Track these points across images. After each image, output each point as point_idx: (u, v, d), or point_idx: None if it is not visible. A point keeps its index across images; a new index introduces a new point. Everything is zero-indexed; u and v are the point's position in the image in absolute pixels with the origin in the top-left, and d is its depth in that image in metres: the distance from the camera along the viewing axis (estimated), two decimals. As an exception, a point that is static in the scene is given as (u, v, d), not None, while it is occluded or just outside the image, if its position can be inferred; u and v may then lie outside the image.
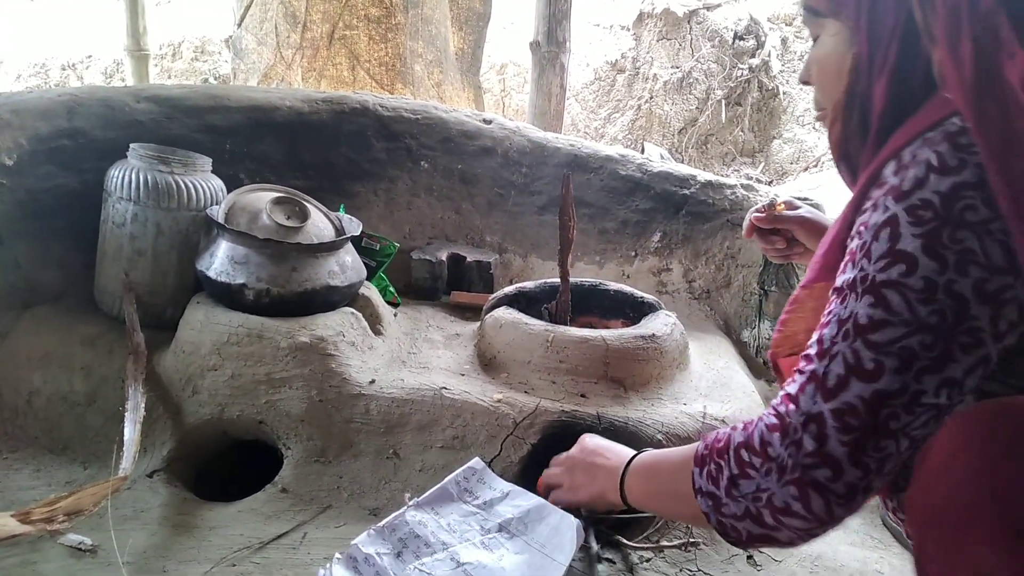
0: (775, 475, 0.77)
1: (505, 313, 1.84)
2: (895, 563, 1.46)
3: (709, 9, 6.84)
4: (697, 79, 6.70)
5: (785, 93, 6.80)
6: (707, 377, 1.85)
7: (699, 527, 1.02)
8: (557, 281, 1.89)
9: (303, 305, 1.69)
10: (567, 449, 1.28)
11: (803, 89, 6.47)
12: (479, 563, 1.17)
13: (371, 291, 1.93)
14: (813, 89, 0.95)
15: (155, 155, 1.78)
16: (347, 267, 1.80)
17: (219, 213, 1.72)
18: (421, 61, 3.83)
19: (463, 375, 1.74)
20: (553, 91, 4.18)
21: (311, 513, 1.48)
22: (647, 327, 1.79)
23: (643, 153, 4.47)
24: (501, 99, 6.75)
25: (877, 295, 0.73)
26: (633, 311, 1.97)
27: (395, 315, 2.03)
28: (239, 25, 3.91)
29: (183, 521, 1.43)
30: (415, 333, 2.00)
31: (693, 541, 1.39)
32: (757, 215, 1.33)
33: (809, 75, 0.94)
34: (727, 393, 1.76)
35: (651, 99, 6.73)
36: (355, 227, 1.90)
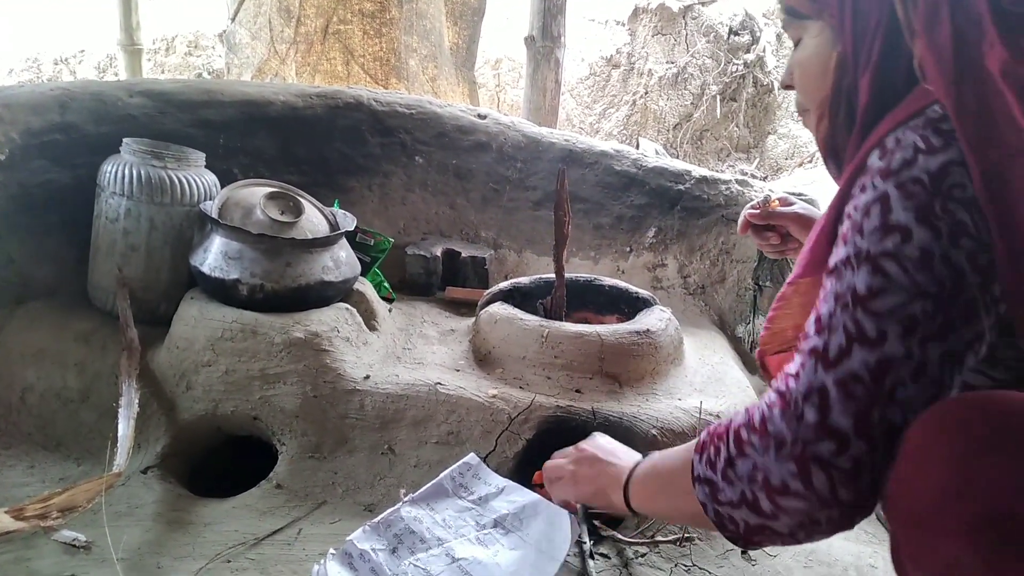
0: (773, 451, 0.73)
1: (500, 309, 1.84)
2: (889, 557, 1.47)
3: (704, 4, 6.84)
4: (692, 74, 6.70)
5: (780, 89, 6.81)
6: (702, 372, 1.85)
7: (700, 527, 0.99)
8: (552, 277, 1.89)
9: (297, 301, 1.69)
10: (563, 445, 1.27)
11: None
12: (474, 559, 1.17)
13: (365, 286, 1.92)
14: (795, 92, 0.95)
15: (148, 150, 1.78)
16: (341, 262, 1.79)
17: (213, 208, 1.72)
18: (416, 56, 3.82)
19: (458, 371, 1.74)
20: (548, 86, 4.18)
21: (306, 509, 1.48)
22: (642, 322, 1.79)
23: (638, 148, 4.47)
24: (496, 94, 6.74)
25: (874, 265, 0.72)
26: (628, 306, 1.97)
27: (390, 311, 2.02)
28: (233, 20, 3.90)
29: (177, 517, 1.43)
30: (410, 329, 2.00)
31: (688, 536, 1.40)
32: (752, 211, 1.33)
33: (791, 78, 0.95)
34: (722, 388, 1.77)
35: (646, 94, 6.73)
36: (349, 222, 1.90)
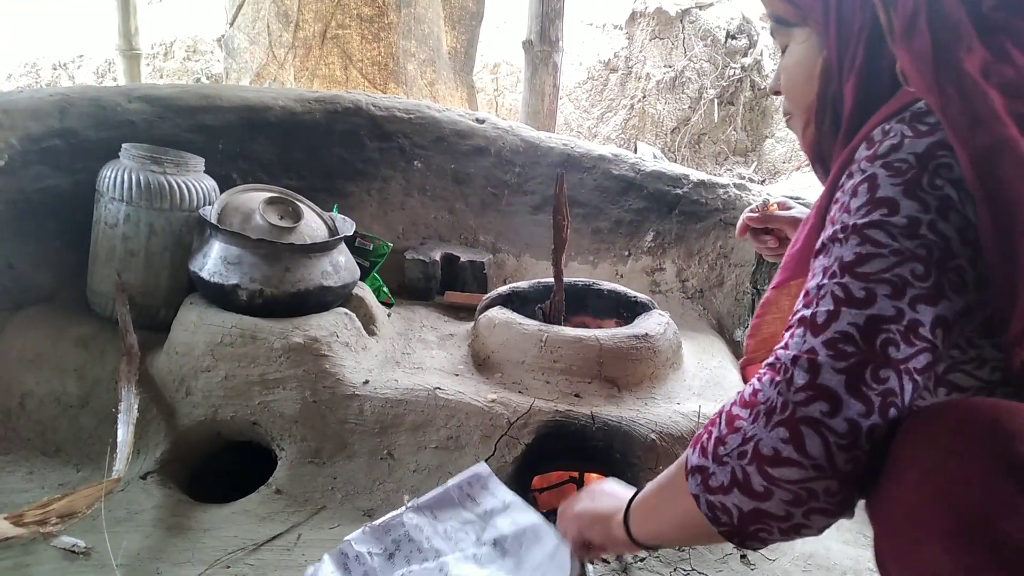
0: (763, 419, 0.70)
1: (499, 313, 1.84)
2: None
3: (701, 8, 6.85)
4: (690, 78, 6.71)
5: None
6: (700, 376, 1.86)
7: (701, 539, 0.93)
8: (551, 281, 1.90)
9: (297, 306, 1.69)
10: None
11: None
12: None
13: (365, 291, 1.93)
14: (782, 97, 0.96)
15: (147, 155, 1.78)
16: (340, 267, 1.79)
17: (212, 213, 1.72)
18: (414, 60, 3.83)
19: (457, 375, 1.74)
20: (546, 90, 4.18)
21: (305, 514, 1.48)
22: (641, 326, 1.80)
23: (636, 152, 4.47)
24: (494, 98, 6.74)
25: (861, 235, 0.71)
26: (627, 311, 1.97)
27: (389, 315, 2.03)
28: (231, 24, 3.91)
29: (177, 523, 1.43)
30: (409, 333, 2.00)
31: (687, 540, 1.40)
32: (750, 215, 1.34)
33: (779, 84, 0.96)
34: (720, 392, 1.77)
35: (644, 98, 6.73)
36: (348, 227, 1.90)
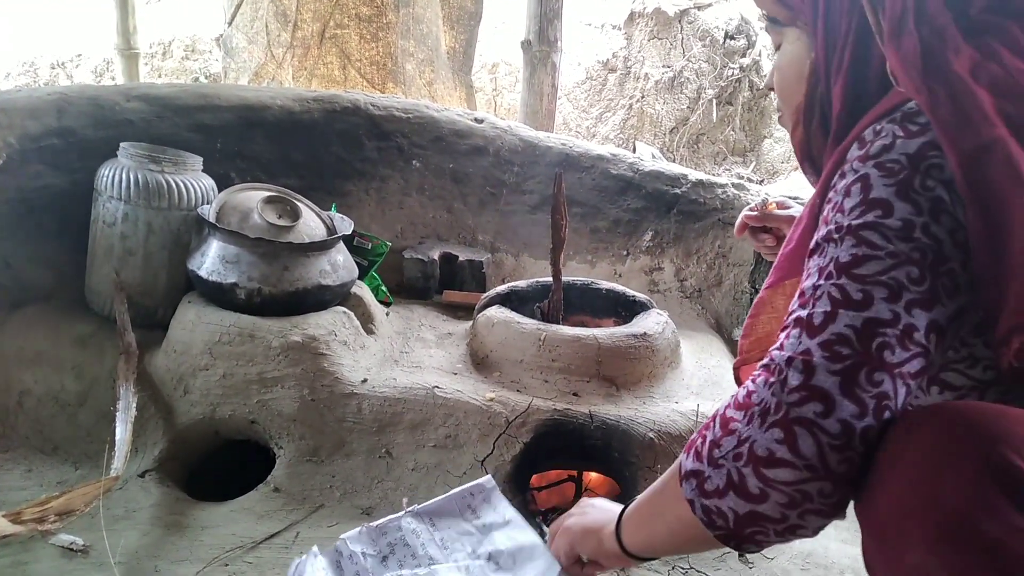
0: (757, 420, 0.71)
1: (497, 312, 1.84)
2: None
3: (700, 9, 6.85)
4: (688, 78, 6.71)
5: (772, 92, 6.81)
6: (699, 375, 1.86)
7: (695, 547, 0.92)
8: (549, 280, 1.90)
9: (295, 304, 1.69)
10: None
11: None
12: None
13: (363, 290, 1.93)
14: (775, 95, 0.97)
15: (145, 154, 1.78)
16: (339, 266, 1.79)
17: (210, 212, 1.72)
18: (412, 60, 3.83)
19: (455, 374, 1.74)
20: (544, 90, 4.18)
21: (303, 512, 1.48)
22: (639, 326, 1.80)
23: (634, 152, 4.47)
24: (493, 98, 6.74)
25: (857, 237, 0.72)
26: (625, 310, 1.97)
27: (387, 314, 2.03)
28: (229, 24, 3.90)
29: (175, 521, 1.43)
30: (407, 332, 2.00)
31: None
32: (749, 213, 1.34)
33: (773, 82, 0.97)
34: (718, 391, 1.77)
35: (642, 98, 6.73)
36: (347, 226, 1.90)
